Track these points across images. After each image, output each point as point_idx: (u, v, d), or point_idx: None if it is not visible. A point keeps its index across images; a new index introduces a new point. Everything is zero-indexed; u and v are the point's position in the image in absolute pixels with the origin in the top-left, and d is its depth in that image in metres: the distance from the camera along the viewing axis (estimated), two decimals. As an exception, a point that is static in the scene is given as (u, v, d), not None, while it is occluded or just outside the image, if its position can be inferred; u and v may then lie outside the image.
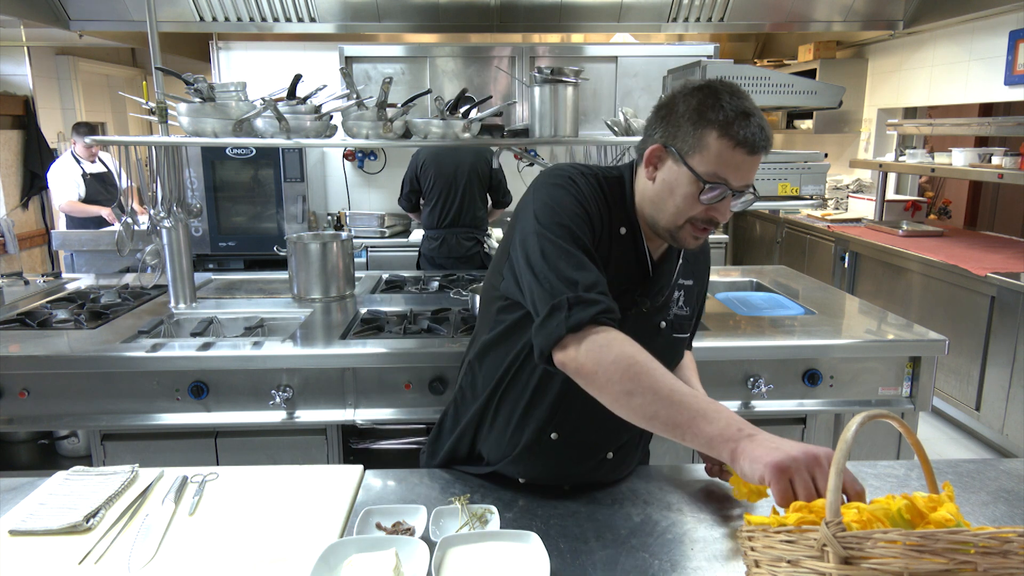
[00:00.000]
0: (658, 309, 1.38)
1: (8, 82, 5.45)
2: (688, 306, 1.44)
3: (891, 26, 4.51)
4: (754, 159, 1.23)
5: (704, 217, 1.26)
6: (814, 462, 0.97)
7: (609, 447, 1.40)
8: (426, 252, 4.14)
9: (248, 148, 4.42)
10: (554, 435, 1.38)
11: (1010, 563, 0.74)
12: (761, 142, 1.21)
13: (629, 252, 1.33)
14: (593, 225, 1.27)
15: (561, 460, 1.40)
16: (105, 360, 2.10)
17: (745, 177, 1.23)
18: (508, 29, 4.43)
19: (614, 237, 1.31)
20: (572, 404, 1.33)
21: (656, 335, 1.38)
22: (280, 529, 1.26)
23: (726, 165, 1.21)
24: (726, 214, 1.26)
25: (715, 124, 1.20)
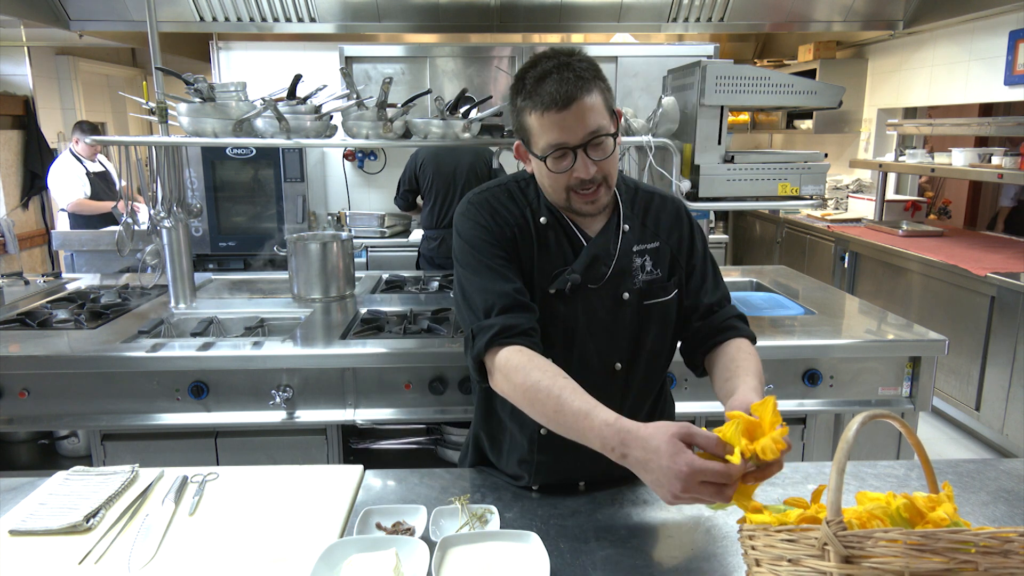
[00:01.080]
0: (613, 280, 1.34)
1: (8, 82, 5.45)
2: (659, 268, 1.38)
3: (891, 26, 4.51)
4: (572, 111, 1.20)
5: (576, 182, 1.26)
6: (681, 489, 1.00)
7: None
8: (425, 252, 4.14)
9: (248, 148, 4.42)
10: (543, 431, 1.39)
11: (1011, 563, 0.74)
12: (564, 94, 1.19)
13: (558, 236, 1.35)
14: (495, 235, 1.33)
15: (558, 453, 1.40)
16: (105, 360, 2.10)
17: (577, 131, 1.22)
18: (508, 29, 4.43)
19: (537, 229, 1.35)
20: None
21: (621, 307, 1.35)
22: (280, 529, 1.26)
23: (551, 131, 1.23)
24: (588, 168, 1.24)
25: (524, 103, 1.25)
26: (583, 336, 1.35)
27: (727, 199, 2.48)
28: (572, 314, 1.33)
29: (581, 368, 1.31)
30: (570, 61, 1.23)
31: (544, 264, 1.34)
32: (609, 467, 1.41)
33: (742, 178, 2.46)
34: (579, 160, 1.24)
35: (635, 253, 1.38)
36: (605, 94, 1.26)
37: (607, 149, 1.26)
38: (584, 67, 1.23)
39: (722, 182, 2.44)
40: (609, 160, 1.27)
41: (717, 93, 2.36)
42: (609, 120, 1.26)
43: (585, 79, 1.22)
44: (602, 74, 1.27)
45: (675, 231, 1.43)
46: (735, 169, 2.44)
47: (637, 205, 1.42)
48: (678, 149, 2.40)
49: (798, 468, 1.49)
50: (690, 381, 2.18)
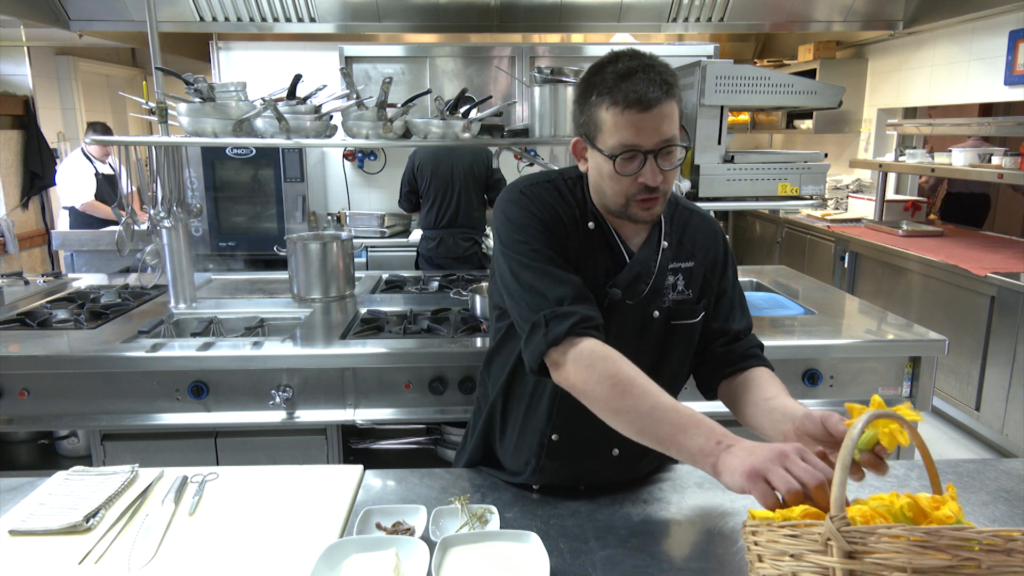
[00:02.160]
0: (648, 298, 1.32)
1: (8, 82, 5.44)
2: (691, 289, 1.35)
3: (891, 26, 4.51)
4: (652, 114, 1.17)
5: (638, 188, 1.22)
6: (782, 457, 0.97)
7: (612, 444, 1.39)
8: (424, 252, 4.14)
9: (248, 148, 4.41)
10: (555, 436, 1.38)
11: (1014, 561, 0.74)
12: (652, 94, 1.16)
13: (602, 245, 1.32)
14: (551, 231, 1.28)
15: (567, 461, 1.40)
16: (105, 360, 2.10)
17: (652, 135, 1.18)
18: (508, 29, 4.43)
19: (583, 234, 1.31)
20: (567, 406, 1.32)
21: (649, 325, 1.33)
22: (280, 529, 1.26)
23: (626, 131, 1.18)
24: (656, 176, 1.21)
25: (601, 98, 1.20)
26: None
27: (727, 199, 2.47)
28: (605, 326, 1.27)
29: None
30: (655, 64, 1.19)
31: (586, 270, 1.29)
32: (613, 474, 1.42)
33: (742, 178, 2.46)
34: (648, 166, 1.20)
35: (669, 271, 1.35)
36: (680, 106, 1.23)
37: (674, 160, 1.22)
38: (669, 73, 1.20)
39: (722, 182, 2.44)
40: (673, 172, 1.23)
41: (717, 93, 2.36)
42: (680, 133, 1.23)
43: (670, 84, 1.18)
44: (679, 85, 1.23)
45: (711, 252, 1.40)
46: (735, 169, 2.44)
47: (676, 221, 1.39)
48: (678, 149, 2.40)
49: (799, 468, 1.49)
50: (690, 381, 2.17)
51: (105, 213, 5.10)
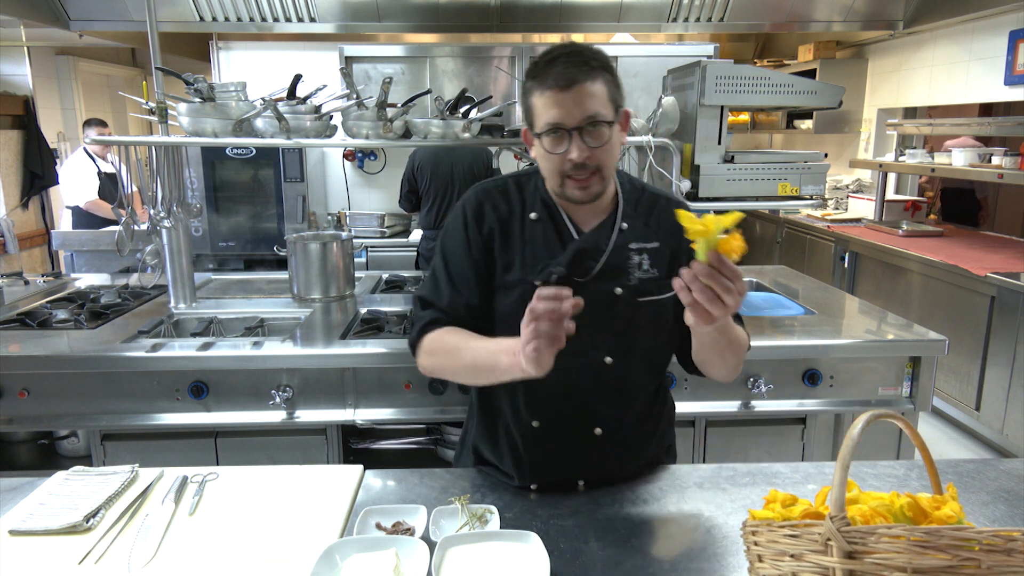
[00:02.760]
0: (606, 276, 1.36)
1: (8, 82, 5.44)
2: (657, 268, 1.40)
3: (891, 26, 4.51)
4: (573, 92, 1.24)
5: (570, 168, 1.29)
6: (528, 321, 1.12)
7: (593, 423, 1.40)
8: (424, 252, 4.14)
9: (248, 148, 4.41)
10: (535, 423, 1.40)
11: (1014, 561, 0.74)
12: (568, 73, 1.24)
13: (549, 231, 1.39)
14: (474, 241, 1.40)
15: (554, 448, 1.41)
16: (105, 360, 2.10)
17: (574, 112, 1.25)
18: (508, 29, 4.43)
19: (525, 225, 1.40)
20: (540, 390, 1.37)
21: (613, 302, 1.37)
22: (280, 529, 1.26)
23: (550, 111, 1.26)
24: (581, 152, 1.27)
25: (532, 85, 1.30)
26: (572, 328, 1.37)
27: (727, 199, 2.47)
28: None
29: (572, 360, 1.32)
30: (581, 50, 1.28)
31: (531, 257, 1.37)
32: (606, 466, 1.43)
33: (742, 178, 2.46)
34: (573, 142, 1.27)
35: (633, 251, 1.39)
36: (610, 86, 1.29)
37: (602, 137, 1.28)
38: (593, 56, 1.28)
39: (722, 182, 2.44)
40: (603, 149, 1.29)
41: (717, 93, 2.36)
42: (611, 111, 1.29)
43: (591, 66, 1.26)
44: (612, 68, 1.31)
45: (676, 235, 1.41)
46: (735, 169, 2.44)
47: (642, 205, 1.44)
48: (678, 149, 2.40)
49: (798, 468, 1.49)
50: (690, 381, 2.18)
51: (108, 212, 5.11)
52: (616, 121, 1.31)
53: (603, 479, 1.43)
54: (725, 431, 2.30)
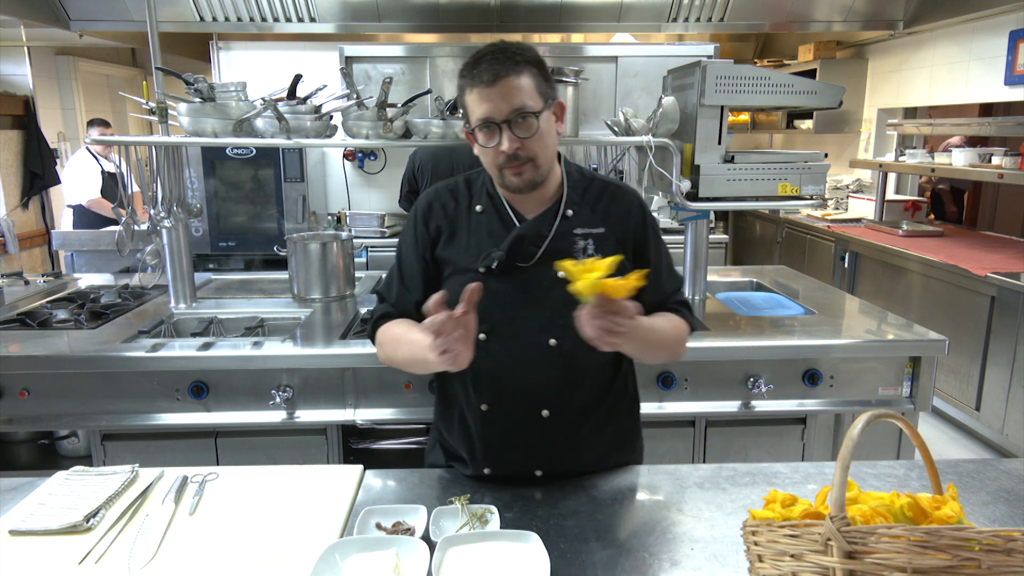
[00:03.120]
0: (548, 260, 1.38)
1: (8, 82, 5.44)
2: (601, 253, 1.42)
3: (891, 26, 4.51)
4: (498, 87, 1.31)
5: (503, 160, 1.35)
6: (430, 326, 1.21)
7: (540, 406, 1.42)
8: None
9: (248, 148, 4.41)
10: (484, 406, 1.44)
11: (1014, 561, 0.74)
12: (494, 69, 1.31)
13: (494, 221, 1.45)
14: (420, 237, 1.49)
15: (504, 431, 1.44)
16: (105, 360, 2.10)
17: (499, 106, 1.31)
18: (508, 29, 4.42)
19: (472, 217, 1.47)
20: (484, 372, 1.42)
21: (556, 285, 1.35)
22: (280, 529, 1.26)
23: (479, 106, 1.33)
24: (511, 143, 1.33)
25: (462, 84, 1.37)
26: (518, 311, 1.42)
27: (727, 199, 2.47)
28: (505, 290, 1.41)
29: (519, 343, 1.41)
30: (507, 47, 1.35)
31: (476, 246, 1.44)
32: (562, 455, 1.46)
33: (742, 178, 2.45)
34: (504, 135, 1.33)
35: (578, 236, 1.44)
36: (538, 79, 1.35)
37: (531, 128, 1.33)
38: (519, 52, 1.34)
39: (722, 182, 2.44)
40: (534, 139, 1.34)
41: (717, 93, 2.36)
42: (539, 102, 1.34)
43: (516, 61, 1.32)
44: (540, 62, 1.37)
45: (624, 221, 1.49)
46: (735, 169, 2.44)
47: (589, 193, 1.49)
48: (678, 149, 2.40)
49: (798, 468, 1.49)
50: (690, 381, 2.18)
51: (110, 211, 5.11)
52: (545, 110, 1.36)
53: (561, 470, 1.46)
54: (725, 431, 2.30)
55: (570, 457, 1.47)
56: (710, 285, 2.87)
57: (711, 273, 3.03)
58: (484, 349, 1.39)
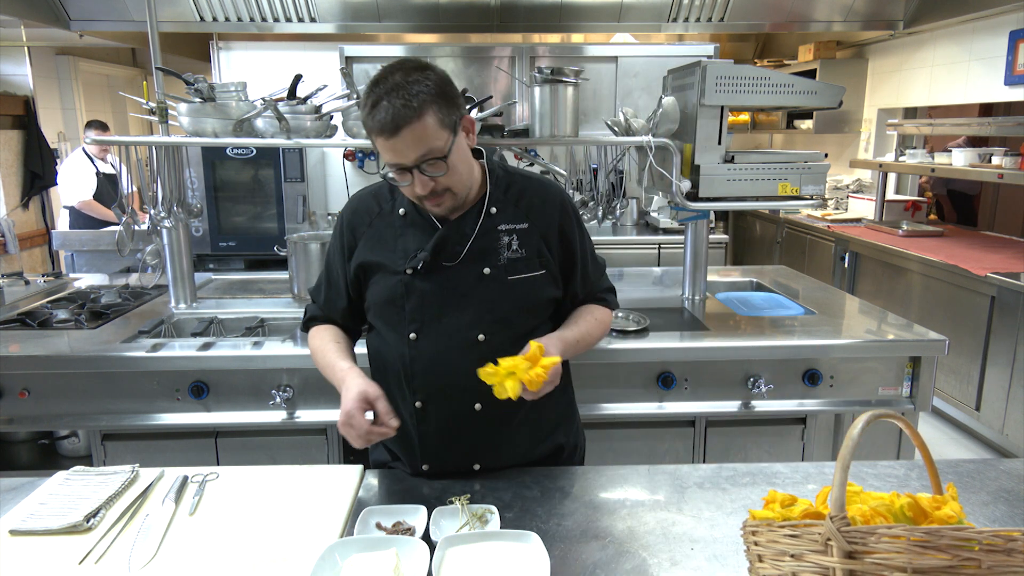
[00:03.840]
0: (474, 258, 1.44)
1: (8, 82, 5.44)
2: (525, 248, 1.47)
3: (891, 26, 4.51)
4: (401, 137, 1.28)
5: (420, 195, 1.37)
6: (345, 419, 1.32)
7: (472, 399, 1.44)
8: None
9: (248, 148, 4.41)
10: (418, 403, 1.47)
11: (1014, 561, 0.74)
12: (390, 122, 1.27)
13: (418, 223, 1.47)
14: (348, 246, 1.53)
15: (439, 426, 1.47)
16: (105, 360, 2.10)
17: (407, 154, 1.30)
18: (508, 29, 4.43)
19: (396, 220, 1.49)
20: (416, 369, 1.46)
21: (483, 281, 1.44)
22: (280, 529, 1.26)
23: (386, 153, 1.33)
24: (424, 186, 1.34)
25: (364, 124, 1.33)
26: (444, 309, 1.45)
27: (727, 199, 2.47)
28: (433, 290, 1.44)
29: (446, 339, 1.44)
30: (403, 81, 1.28)
31: (403, 248, 1.46)
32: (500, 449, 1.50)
33: (742, 178, 2.45)
34: (416, 178, 1.33)
35: (502, 232, 1.47)
36: (440, 113, 1.30)
37: (440, 168, 1.33)
38: (416, 89, 1.28)
39: (722, 182, 2.44)
40: (448, 174, 1.35)
41: (717, 93, 2.36)
42: (445, 139, 1.32)
43: (412, 106, 1.27)
44: (439, 91, 1.30)
45: (546, 215, 1.51)
46: (735, 169, 2.44)
47: (512, 189, 1.51)
48: (678, 149, 2.40)
49: (798, 468, 1.49)
50: (690, 381, 2.18)
51: (102, 213, 5.10)
52: (454, 140, 1.34)
53: (499, 461, 1.50)
54: (725, 431, 2.30)
55: (507, 447, 1.50)
56: (710, 285, 2.87)
57: (711, 273, 3.03)
58: (415, 348, 1.45)
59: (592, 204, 2.72)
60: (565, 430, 1.62)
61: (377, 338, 1.54)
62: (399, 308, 1.46)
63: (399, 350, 1.47)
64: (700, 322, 2.40)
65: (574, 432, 1.66)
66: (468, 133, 1.41)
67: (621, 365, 2.17)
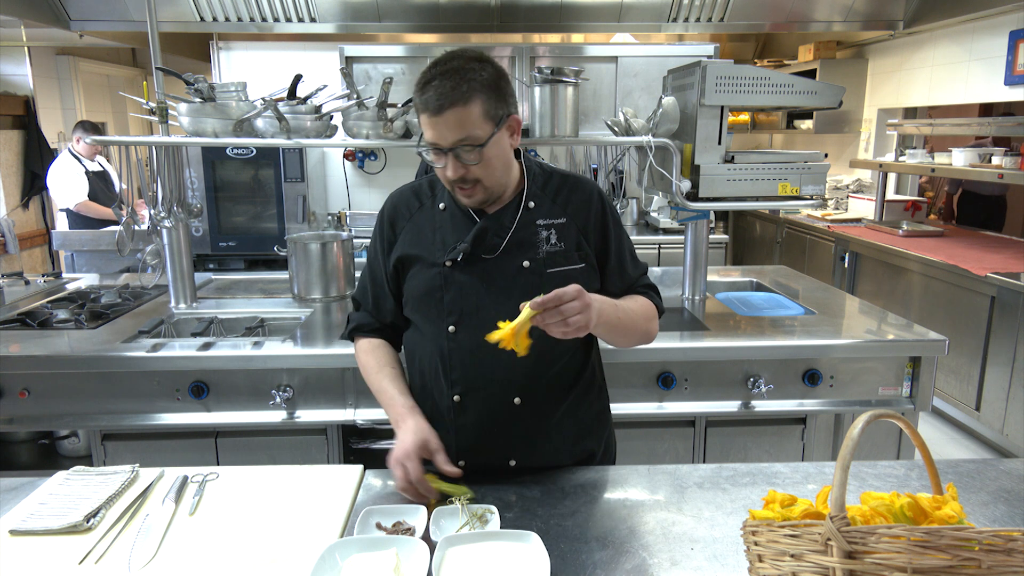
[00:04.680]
0: (512, 251, 1.45)
1: (8, 82, 5.45)
2: (563, 242, 1.48)
3: (891, 26, 4.51)
4: (443, 118, 1.31)
5: (451, 179, 1.38)
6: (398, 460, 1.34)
7: (512, 393, 1.44)
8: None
9: (248, 148, 4.41)
10: (456, 397, 1.46)
11: (1014, 561, 0.74)
12: (436, 101, 1.30)
13: (457, 217, 1.48)
14: (385, 234, 1.55)
15: (477, 420, 1.46)
16: (105, 360, 2.10)
17: (447, 136, 1.33)
18: (508, 29, 4.43)
19: (436, 215, 1.51)
20: (455, 363, 1.45)
21: (521, 273, 1.45)
22: (280, 529, 1.26)
23: (428, 131, 1.35)
24: (456, 170, 1.35)
25: (415, 104, 1.36)
26: (484, 301, 1.45)
27: (727, 199, 2.47)
28: (472, 282, 1.45)
29: (485, 332, 1.40)
30: (460, 67, 1.31)
31: (442, 241, 1.47)
32: (536, 445, 1.49)
33: (742, 178, 2.46)
34: (449, 160, 1.35)
35: (540, 227, 1.48)
36: (488, 103, 1.33)
37: (475, 156, 1.34)
38: (470, 75, 1.31)
39: (722, 182, 2.44)
40: (481, 166, 1.36)
41: (717, 93, 2.36)
42: (487, 129, 1.34)
43: (462, 90, 1.30)
44: (493, 83, 1.34)
45: (583, 210, 1.52)
46: (735, 169, 2.44)
47: (550, 186, 1.53)
48: (678, 149, 2.40)
49: (798, 468, 1.49)
50: (690, 381, 2.18)
51: (99, 213, 5.05)
52: (496, 133, 1.35)
53: (533, 459, 1.49)
54: (725, 431, 2.30)
55: (543, 444, 1.50)
56: (710, 285, 2.87)
57: (711, 273, 3.03)
58: (453, 340, 1.45)
59: (592, 204, 2.72)
60: (598, 435, 1.60)
61: (415, 332, 1.54)
62: (438, 300, 1.46)
63: (437, 343, 1.47)
64: (700, 322, 2.40)
65: (606, 438, 1.64)
66: (513, 133, 1.42)
67: (621, 365, 2.17)
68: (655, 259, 4.63)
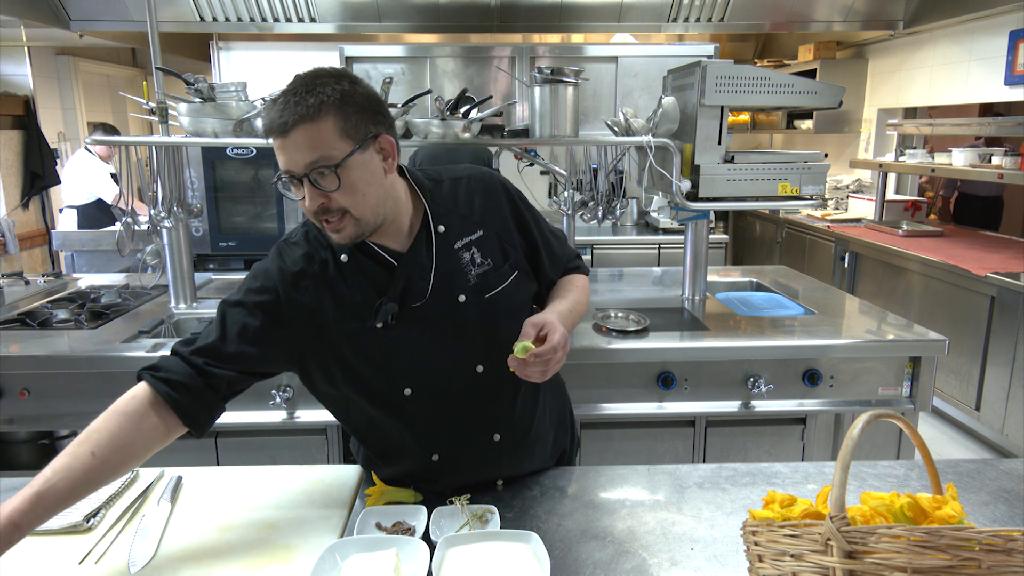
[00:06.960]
0: (443, 288, 1.29)
1: (8, 82, 5.44)
2: (489, 258, 1.33)
3: (891, 26, 4.51)
4: (290, 139, 1.14)
5: (312, 211, 1.20)
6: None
7: (490, 432, 1.37)
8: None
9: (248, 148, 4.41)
10: (436, 456, 1.36)
11: (1014, 561, 0.74)
12: (280, 119, 1.13)
13: (367, 267, 1.29)
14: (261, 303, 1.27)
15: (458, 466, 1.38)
16: (105, 360, 2.10)
17: (293, 158, 1.15)
18: (508, 29, 4.43)
19: (339, 269, 1.29)
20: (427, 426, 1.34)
21: (460, 310, 1.30)
22: (280, 529, 1.26)
23: (279, 157, 1.18)
24: (314, 200, 1.17)
25: (263, 128, 1.19)
26: (432, 352, 1.30)
27: (727, 199, 2.47)
28: (410, 336, 1.28)
29: (444, 383, 1.31)
30: (309, 83, 1.16)
31: (361, 300, 1.27)
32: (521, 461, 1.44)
33: (742, 178, 2.46)
34: (305, 189, 1.17)
35: (459, 250, 1.32)
36: (345, 121, 1.16)
37: (331, 181, 1.16)
38: (319, 90, 1.15)
39: (722, 182, 2.44)
40: (344, 192, 1.17)
41: (717, 93, 2.36)
42: (342, 149, 1.15)
43: (309, 103, 1.13)
44: (353, 98, 1.17)
45: (495, 213, 1.38)
46: (735, 169, 2.44)
47: (448, 197, 1.35)
48: (678, 149, 2.40)
49: (798, 468, 1.49)
50: (690, 381, 2.18)
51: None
52: (356, 153, 1.16)
53: (519, 472, 1.45)
54: (725, 431, 2.30)
55: (528, 462, 1.46)
56: (710, 285, 2.87)
57: (711, 273, 3.03)
58: (414, 404, 1.30)
59: (592, 204, 2.73)
60: (568, 422, 1.61)
61: (363, 413, 1.36)
62: (382, 369, 1.29)
63: (396, 411, 1.32)
64: (700, 322, 2.40)
65: (570, 419, 1.63)
66: (387, 157, 1.23)
67: (621, 365, 2.17)
68: (655, 259, 4.63)
